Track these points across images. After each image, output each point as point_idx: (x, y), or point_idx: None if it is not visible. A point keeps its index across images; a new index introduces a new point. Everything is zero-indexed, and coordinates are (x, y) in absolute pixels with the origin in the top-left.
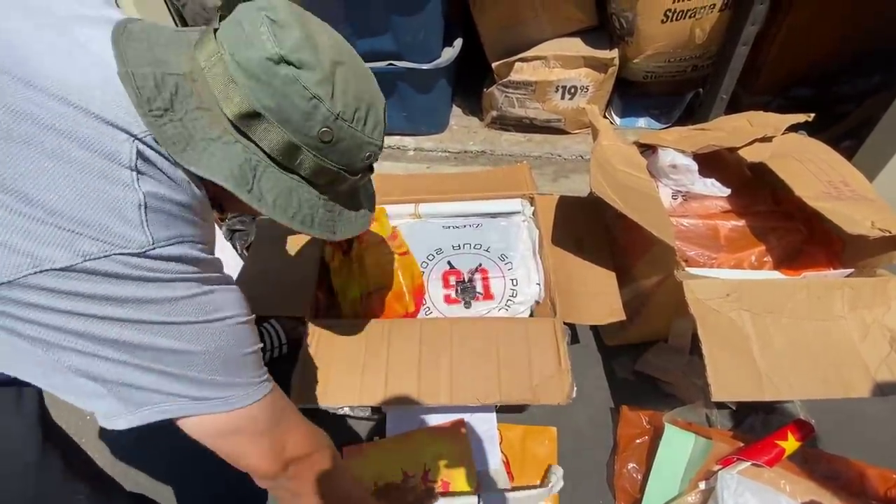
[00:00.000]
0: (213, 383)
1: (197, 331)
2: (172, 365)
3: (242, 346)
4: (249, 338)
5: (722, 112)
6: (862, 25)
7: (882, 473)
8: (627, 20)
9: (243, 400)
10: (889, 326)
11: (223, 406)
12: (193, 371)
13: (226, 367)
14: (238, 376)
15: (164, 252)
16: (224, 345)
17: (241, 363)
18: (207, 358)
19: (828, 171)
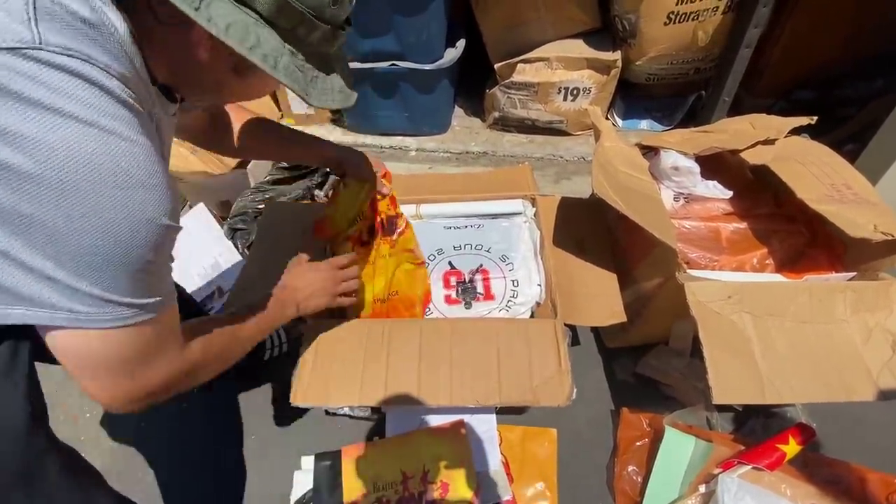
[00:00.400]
0: (65, 287)
1: (76, 196)
2: (20, 242)
3: (134, 249)
4: (151, 243)
5: (724, 114)
6: (865, 28)
7: (883, 478)
8: (630, 22)
9: (100, 321)
10: (891, 330)
11: (66, 322)
12: (44, 258)
13: (97, 271)
14: (111, 289)
15: (56, 60)
16: (109, 236)
17: (120, 272)
18: (74, 245)
19: (830, 175)
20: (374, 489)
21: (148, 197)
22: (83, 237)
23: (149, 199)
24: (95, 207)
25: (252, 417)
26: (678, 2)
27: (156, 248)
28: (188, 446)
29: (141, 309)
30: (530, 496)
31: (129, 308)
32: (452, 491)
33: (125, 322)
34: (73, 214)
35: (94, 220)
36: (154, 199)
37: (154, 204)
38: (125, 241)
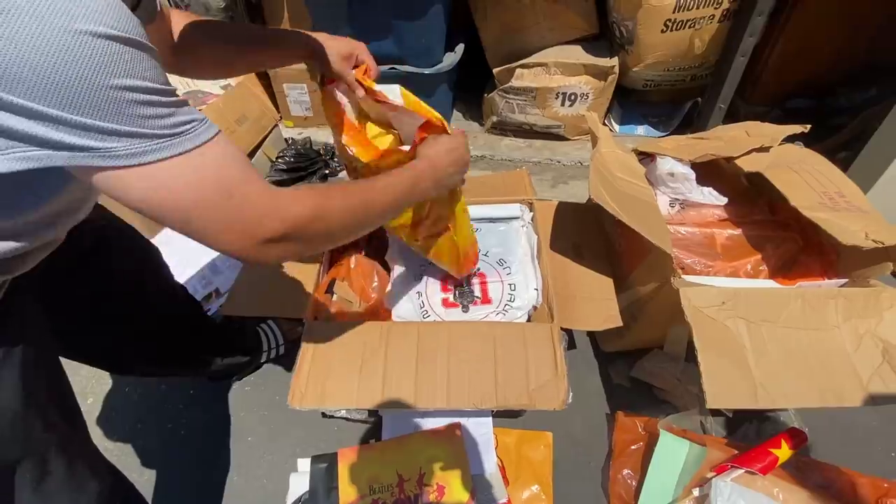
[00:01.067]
0: (64, 121)
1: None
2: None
3: (115, 75)
4: (127, 63)
5: (720, 121)
6: (859, 39)
7: (873, 482)
8: (628, 29)
9: (135, 154)
10: (882, 337)
11: (99, 158)
12: (23, 95)
13: (92, 102)
14: (118, 119)
15: None
16: (72, 63)
17: (119, 99)
18: (47, 79)
19: (823, 182)
20: (371, 491)
21: (105, 10)
22: (44, 66)
23: (81, 4)
24: (28, 26)
25: (248, 420)
26: (675, 10)
27: (118, 69)
28: (184, 447)
29: (167, 138)
30: (526, 499)
31: (147, 138)
32: (448, 493)
33: (155, 156)
34: (19, 41)
35: (40, 43)
36: (118, 15)
37: (89, 11)
38: (99, 61)
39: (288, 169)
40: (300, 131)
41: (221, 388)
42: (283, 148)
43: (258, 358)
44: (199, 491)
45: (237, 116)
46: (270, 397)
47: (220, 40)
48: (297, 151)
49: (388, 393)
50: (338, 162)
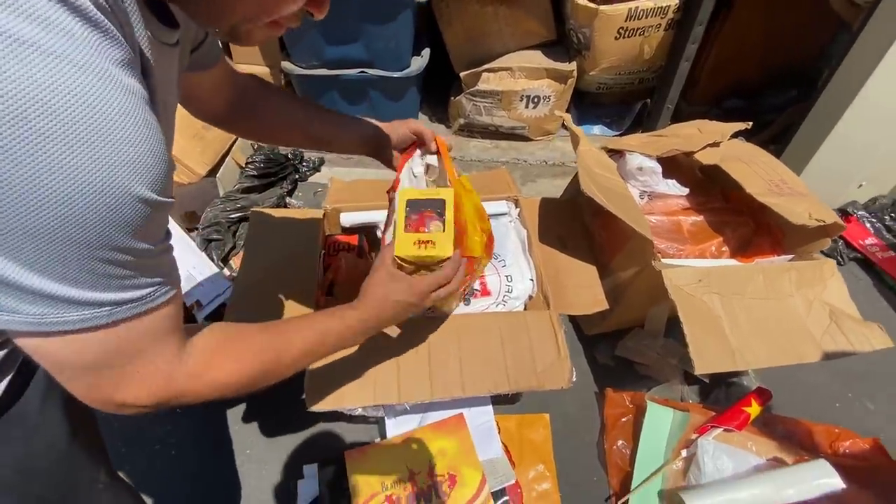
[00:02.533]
0: (5, 282)
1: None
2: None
3: (99, 231)
4: (125, 223)
5: (668, 121)
6: (780, 47)
7: (826, 429)
8: (585, 35)
9: (55, 324)
10: (827, 302)
11: (10, 324)
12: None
13: (48, 261)
14: (68, 283)
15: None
16: (60, 213)
17: (79, 261)
18: (14, 226)
19: (769, 172)
20: (383, 488)
21: (120, 158)
22: (26, 216)
23: (121, 160)
24: (39, 171)
25: (244, 432)
26: (627, 18)
27: (133, 231)
28: (177, 467)
29: (113, 306)
30: (532, 478)
31: (94, 307)
32: (460, 481)
33: (95, 322)
34: (9, 182)
35: (39, 191)
36: (129, 161)
37: (130, 169)
38: (85, 222)
39: (258, 175)
40: None
41: (210, 405)
42: (252, 153)
43: None
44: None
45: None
46: (264, 408)
47: (287, 105)
48: (265, 157)
49: (404, 387)
50: (306, 166)
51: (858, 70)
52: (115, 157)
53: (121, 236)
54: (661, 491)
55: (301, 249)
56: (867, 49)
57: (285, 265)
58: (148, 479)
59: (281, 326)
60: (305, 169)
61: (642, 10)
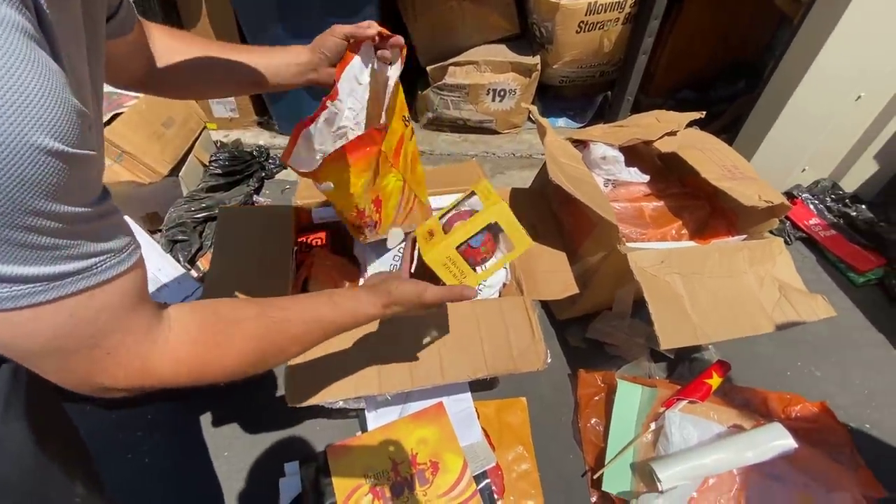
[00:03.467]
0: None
1: None
2: None
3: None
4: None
5: (629, 112)
6: (727, 42)
7: (780, 396)
8: (547, 29)
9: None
10: (777, 277)
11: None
12: None
13: None
14: (21, 258)
15: None
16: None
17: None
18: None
19: (722, 158)
20: (367, 481)
21: (10, 106)
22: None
23: (13, 109)
24: None
25: (220, 435)
26: (587, 13)
27: (48, 192)
28: (151, 476)
29: (49, 282)
30: (512, 459)
31: (26, 283)
32: (443, 467)
33: (29, 301)
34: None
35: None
36: (23, 108)
37: (26, 117)
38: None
39: (223, 173)
40: (226, 133)
41: (182, 409)
42: (215, 151)
43: None
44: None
45: (163, 119)
46: (240, 408)
47: (210, 56)
48: (230, 154)
49: (385, 377)
50: (273, 163)
51: (799, 62)
52: (4, 106)
53: (35, 199)
54: (633, 463)
55: (272, 247)
56: (806, 42)
57: (257, 263)
58: (121, 490)
59: (278, 314)
60: (272, 166)
61: (601, 5)
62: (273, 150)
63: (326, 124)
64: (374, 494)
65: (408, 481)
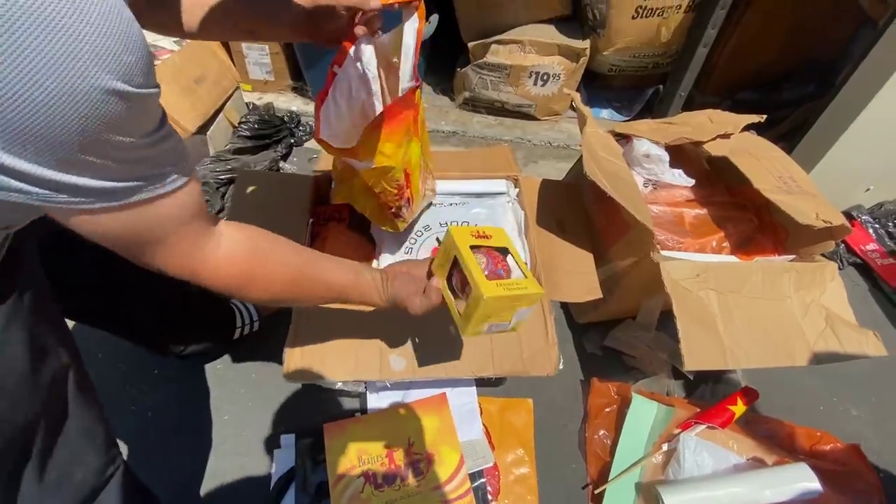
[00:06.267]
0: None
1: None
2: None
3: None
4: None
5: (679, 109)
6: (801, 39)
7: (808, 432)
8: (601, 12)
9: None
10: (825, 305)
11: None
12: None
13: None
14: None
15: None
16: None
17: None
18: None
19: (778, 168)
20: (360, 463)
21: (102, 51)
22: (15, 109)
23: (102, 54)
24: (17, 66)
25: (223, 398)
26: None
27: (120, 122)
28: (151, 430)
29: (115, 196)
30: (510, 462)
31: (93, 195)
32: (438, 460)
33: (99, 205)
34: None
35: (20, 85)
36: (110, 53)
37: (109, 61)
38: (71, 115)
39: (252, 136)
40: (259, 96)
41: (189, 367)
42: (246, 113)
43: (232, 335)
44: (173, 474)
45: (196, 76)
46: (246, 374)
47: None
48: (260, 118)
49: (386, 364)
50: (303, 130)
51: (880, 69)
52: (80, 49)
53: (101, 131)
54: (639, 483)
55: (288, 216)
56: (891, 48)
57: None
58: (123, 439)
59: (309, 271)
60: (302, 133)
61: None
62: (304, 118)
63: (342, 93)
64: (365, 478)
65: (401, 470)
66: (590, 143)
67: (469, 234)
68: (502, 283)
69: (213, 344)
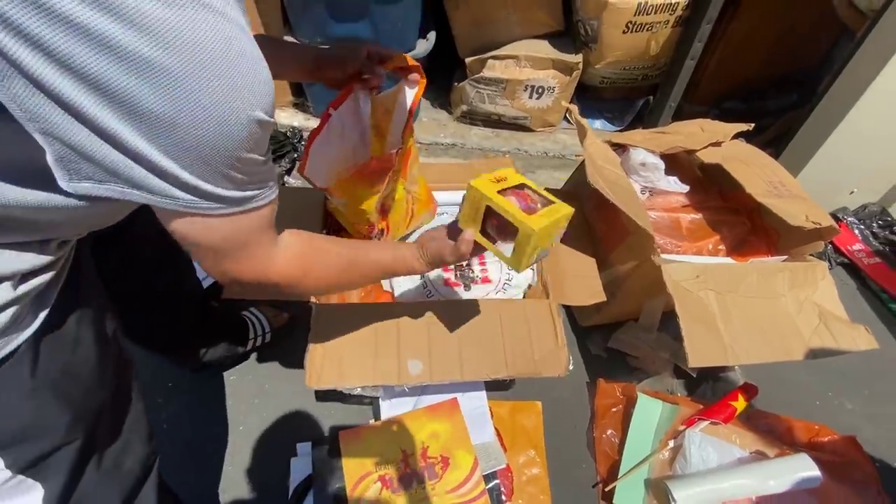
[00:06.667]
0: (184, 185)
1: (193, 98)
2: (144, 137)
3: (247, 152)
4: (259, 143)
5: (669, 119)
6: (783, 50)
7: (806, 426)
8: (593, 28)
9: (200, 209)
10: (817, 303)
11: (173, 205)
12: (166, 157)
13: (215, 173)
14: (225, 186)
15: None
16: (223, 143)
17: (237, 172)
18: (192, 151)
19: (768, 174)
20: (376, 468)
21: (254, 89)
22: (191, 129)
23: (255, 91)
24: (202, 97)
25: (238, 408)
26: (636, 13)
27: (251, 146)
28: (168, 442)
29: (249, 200)
30: (523, 463)
31: (234, 202)
32: (453, 464)
33: (221, 212)
34: (182, 104)
35: (201, 112)
36: (259, 91)
37: (258, 97)
38: (229, 136)
39: None
40: None
41: (203, 379)
42: None
43: (245, 345)
44: (190, 485)
45: None
46: (259, 385)
47: None
48: None
49: (404, 369)
50: None
51: (859, 78)
52: (253, 88)
53: (241, 150)
54: (648, 479)
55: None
56: (869, 58)
57: None
58: None
59: (353, 254)
60: None
61: (652, 6)
62: (307, 133)
63: (334, 135)
64: (382, 483)
65: (417, 474)
66: (591, 154)
67: (490, 182)
68: (540, 213)
69: (227, 354)
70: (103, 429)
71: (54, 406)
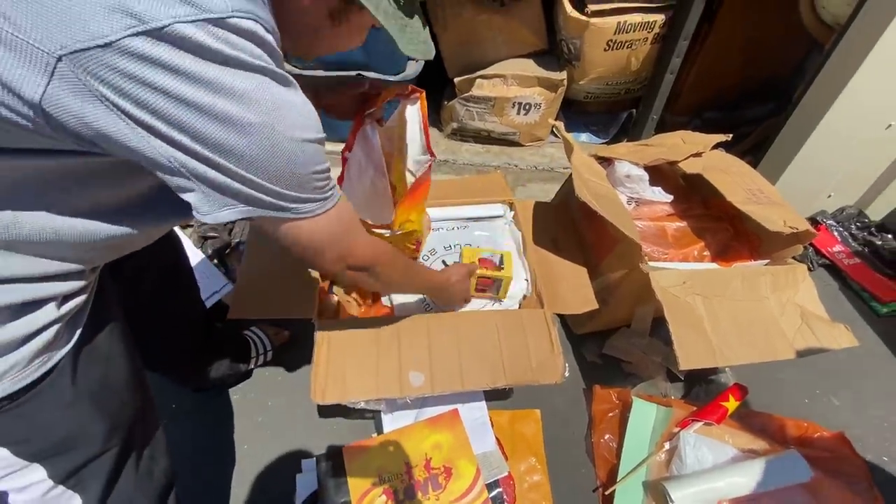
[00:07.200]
0: (280, 195)
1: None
2: (247, 169)
3: (312, 164)
4: (317, 156)
5: (653, 130)
6: (758, 61)
7: (796, 423)
8: (575, 46)
9: (309, 212)
10: (799, 304)
11: (290, 214)
12: (263, 179)
13: (296, 182)
14: (305, 191)
15: (241, 24)
16: (293, 161)
17: (310, 179)
18: (277, 170)
19: (747, 181)
20: (381, 481)
21: (311, 123)
22: (277, 161)
23: (311, 124)
24: (280, 139)
25: (242, 427)
26: (616, 31)
27: (317, 159)
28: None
29: (325, 200)
30: (524, 470)
31: (317, 201)
32: (456, 474)
33: (318, 210)
34: (268, 148)
35: (283, 148)
36: (315, 124)
37: (316, 128)
38: (306, 158)
39: None
40: None
41: (207, 399)
42: None
43: (248, 364)
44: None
45: None
46: (262, 403)
47: None
48: None
49: (406, 381)
50: None
51: (829, 88)
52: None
53: (313, 164)
54: (646, 482)
55: None
56: (838, 68)
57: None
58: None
59: (412, 267)
60: None
61: (630, 24)
62: None
63: (354, 173)
64: (387, 495)
65: (421, 485)
66: (578, 168)
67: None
68: None
69: (229, 373)
70: (136, 437)
71: (93, 416)
